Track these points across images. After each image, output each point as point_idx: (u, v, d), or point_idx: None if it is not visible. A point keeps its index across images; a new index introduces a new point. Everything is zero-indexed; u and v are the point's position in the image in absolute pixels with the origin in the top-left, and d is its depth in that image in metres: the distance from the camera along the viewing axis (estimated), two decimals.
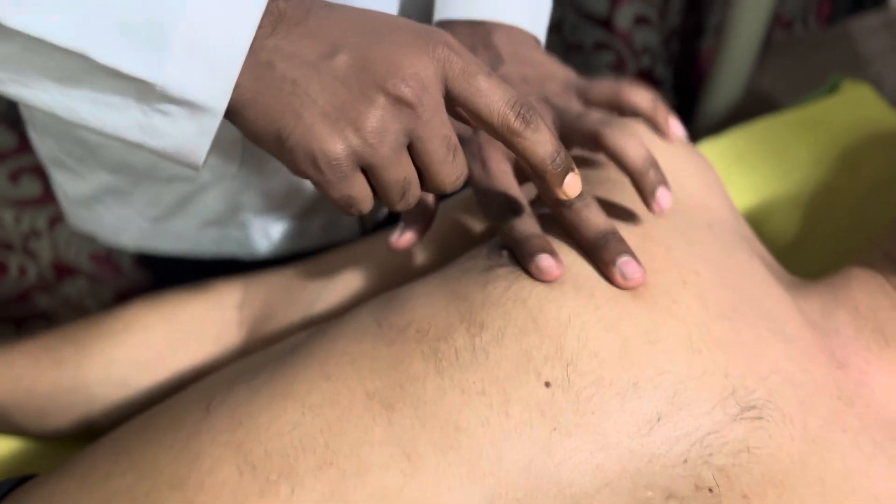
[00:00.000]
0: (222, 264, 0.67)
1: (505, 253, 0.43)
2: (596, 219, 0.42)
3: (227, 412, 0.39)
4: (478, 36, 0.52)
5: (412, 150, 0.38)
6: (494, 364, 0.38)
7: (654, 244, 0.43)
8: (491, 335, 0.39)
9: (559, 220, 0.44)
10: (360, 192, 0.38)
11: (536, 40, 0.54)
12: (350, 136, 0.36)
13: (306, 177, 0.38)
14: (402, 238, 0.48)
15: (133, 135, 0.37)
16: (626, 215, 0.45)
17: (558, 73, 0.51)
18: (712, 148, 0.72)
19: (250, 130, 0.37)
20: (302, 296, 0.57)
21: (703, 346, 0.40)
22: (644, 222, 0.45)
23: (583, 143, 0.47)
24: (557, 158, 0.39)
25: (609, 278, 0.41)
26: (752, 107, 1.07)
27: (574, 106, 0.49)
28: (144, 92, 0.35)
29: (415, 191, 0.39)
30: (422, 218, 0.49)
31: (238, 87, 0.36)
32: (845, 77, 0.78)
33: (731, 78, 1.06)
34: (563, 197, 0.40)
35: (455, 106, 0.39)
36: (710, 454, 0.38)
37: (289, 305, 0.57)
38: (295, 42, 0.36)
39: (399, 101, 0.36)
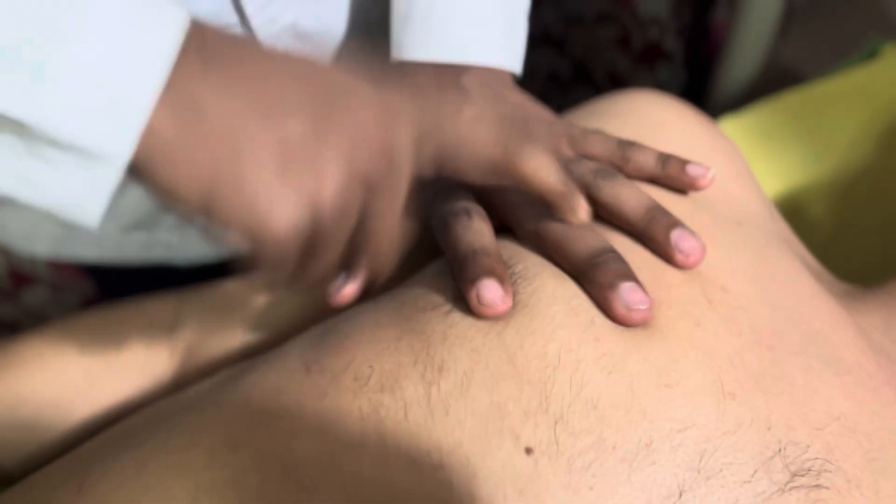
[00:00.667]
0: (176, 273, 0.57)
1: None
2: (586, 234, 0.33)
3: (100, 496, 0.29)
4: (445, 79, 0.43)
5: (360, 224, 0.32)
6: (456, 423, 0.28)
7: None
8: (453, 382, 0.29)
9: (537, 238, 0.34)
10: (297, 269, 0.31)
11: (512, 76, 0.45)
12: (303, 207, 0.29)
13: (233, 248, 0.30)
14: (345, 291, 0.37)
15: (2, 184, 0.28)
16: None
17: (542, 115, 0.43)
18: (733, 127, 0.62)
19: (165, 187, 0.28)
20: (241, 317, 0.48)
21: (738, 388, 0.30)
22: None
23: None
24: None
25: (607, 310, 0.31)
26: (774, 82, 0.96)
27: (564, 150, 0.40)
28: (16, 130, 0.26)
29: (330, 269, 0.33)
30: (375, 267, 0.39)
31: (152, 132, 0.27)
32: (886, 40, 0.67)
33: (750, 49, 0.95)
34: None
35: (430, 167, 0.34)
36: None
37: (226, 329, 0.48)
38: (232, 88, 0.28)
39: (362, 178, 0.30)
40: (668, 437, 0.29)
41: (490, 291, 0.31)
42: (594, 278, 0.32)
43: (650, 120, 0.43)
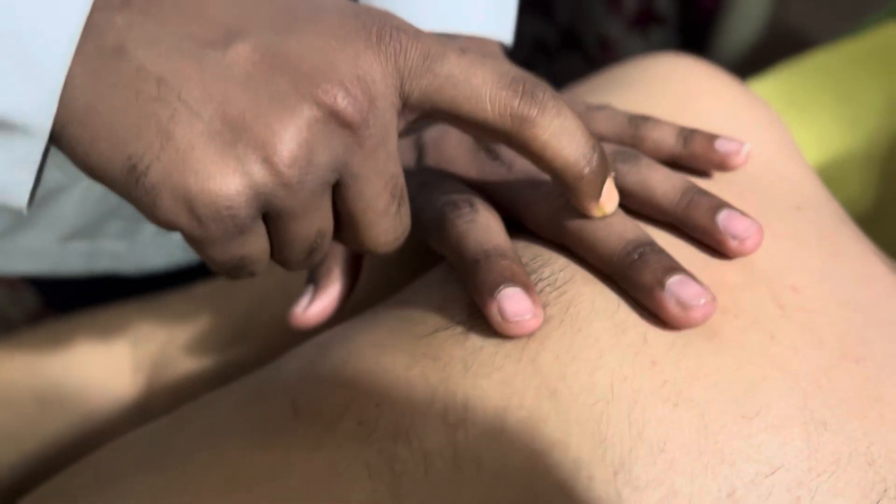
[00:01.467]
0: (127, 282, 0.51)
1: None
2: (617, 223, 0.27)
3: None
4: None
5: (339, 189, 0.26)
6: (492, 480, 0.22)
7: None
8: (483, 426, 0.23)
9: (555, 231, 0.28)
10: (256, 251, 0.25)
11: (503, 48, 0.39)
12: (254, 167, 0.23)
13: (174, 229, 0.24)
14: (312, 310, 0.32)
15: None
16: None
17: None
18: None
19: (83, 158, 0.23)
20: (215, 327, 0.42)
21: (829, 416, 0.24)
22: None
23: None
24: (595, 156, 0.26)
25: (659, 313, 0.25)
26: (777, 46, 0.90)
27: None
28: None
29: (325, 247, 0.27)
30: (344, 275, 0.32)
31: (68, 88, 0.22)
32: None
33: (750, 10, 0.89)
34: (598, 214, 0.27)
35: (418, 115, 0.26)
36: None
37: (198, 341, 0.42)
38: (162, 19, 0.24)
39: (333, 119, 0.24)
40: (755, 484, 0.23)
41: (515, 303, 0.25)
42: (635, 278, 0.25)
43: (685, 87, 0.37)
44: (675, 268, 0.25)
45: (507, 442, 0.23)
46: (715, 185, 0.31)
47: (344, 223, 0.27)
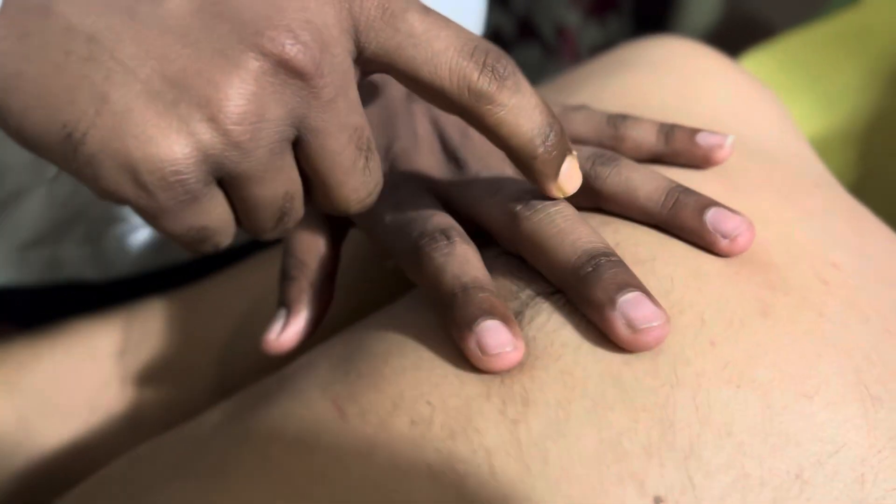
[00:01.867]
0: (98, 290, 0.48)
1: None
2: (573, 230, 0.25)
3: None
4: None
5: (300, 147, 0.24)
6: (561, 475, 0.21)
7: (762, 222, 0.27)
8: (546, 419, 0.22)
9: (509, 244, 0.27)
10: (217, 219, 0.24)
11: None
12: (200, 128, 0.22)
13: (122, 201, 0.22)
14: (285, 336, 0.30)
15: None
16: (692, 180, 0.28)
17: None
18: None
19: (16, 128, 0.22)
20: (214, 331, 0.40)
21: (882, 390, 0.24)
22: (725, 183, 0.29)
23: None
24: (551, 134, 0.25)
25: (609, 333, 0.24)
26: (734, 32, 0.92)
27: None
28: None
29: (297, 208, 0.26)
30: (317, 296, 0.31)
31: None
32: None
33: None
34: (558, 194, 0.26)
35: (374, 68, 0.25)
36: None
37: (194, 348, 0.39)
38: None
39: (283, 68, 0.22)
40: (820, 464, 0.22)
41: (495, 335, 0.23)
42: (585, 293, 0.24)
43: (689, 68, 0.37)
44: (630, 284, 0.24)
45: (572, 434, 0.22)
46: (741, 166, 0.30)
47: (312, 183, 0.25)
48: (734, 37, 0.91)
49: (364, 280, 0.37)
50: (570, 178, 0.26)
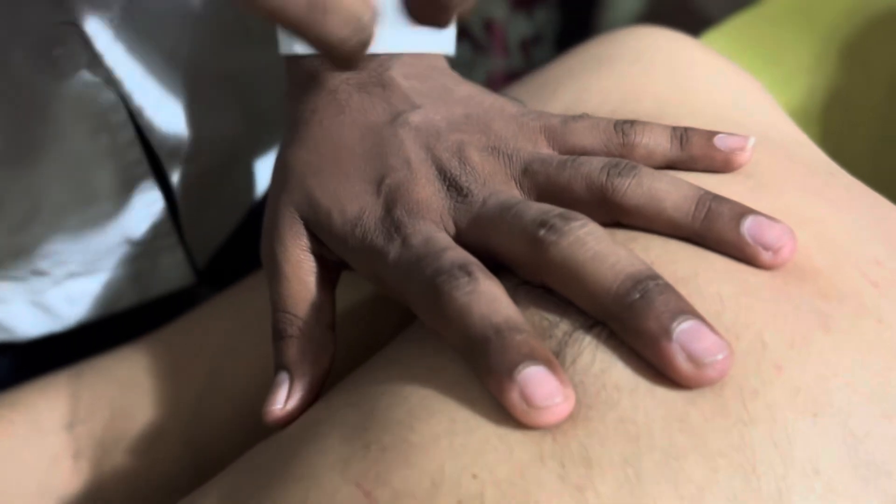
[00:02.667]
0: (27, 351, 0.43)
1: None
2: (610, 253, 0.23)
3: None
4: (370, 74, 0.31)
5: None
6: None
7: (795, 223, 0.25)
8: (614, 481, 0.19)
9: (532, 274, 0.24)
10: None
11: (446, 60, 0.34)
12: None
13: None
14: (292, 402, 0.27)
15: None
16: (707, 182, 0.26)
17: (505, 108, 0.30)
18: None
19: None
20: (176, 388, 0.35)
21: None
22: (746, 182, 0.27)
23: (579, 204, 0.26)
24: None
25: (664, 367, 0.21)
26: (661, 19, 0.91)
27: (545, 152, 0.29)
28: None
29: None
30: (319, 352, 0.28)
31: None
32: None
33: None
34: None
35: None
36: None
37: (155, 409, 0.35)
38: None
39: None
40: None
41: (540, 384, 0.20)
42: (635, 324, 0.21)
43: (676, 58, 0.34)
44: (685, 311, 0.21)
45: (648, 493, 0.19)
46: (757, 160, 0.28)
47: None
48: (661, 23, 0.90)
49: (355, 320, 0.33)
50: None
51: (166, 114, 0.38)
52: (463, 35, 1.00)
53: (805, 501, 0.19)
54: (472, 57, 0.97)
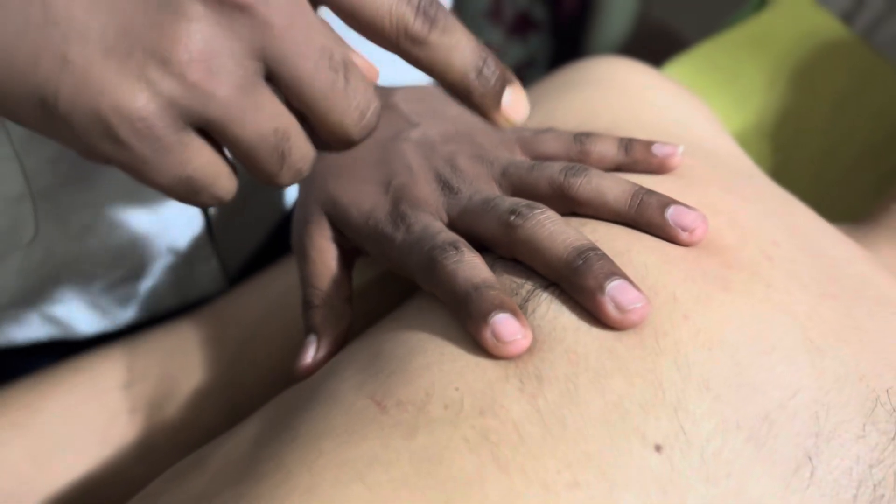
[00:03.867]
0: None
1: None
2: (563, 232, 0.29)
3: None
4: None
5: (276, 81, 0.25)
6: (578, 434, 0.25)
7: (712, 212, 0.32)
8: (558, 391, 0.26)
9: (505, 250, 0.31)
10: (205, 166, 0.25)
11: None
12: (156, 75, 0.23)
13: (107, 160, 0.24)
14: (318, 358, 0.34)
15: None
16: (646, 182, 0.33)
17: (487, 124, 0.38)
18: None
19: None
20: (212, 358, 0.42)
21: (825, 344, 0.29)
22: (679, 182, 0.34)
23: (544, 198, 0.33)
24: (485, 67, 0.28)
25: (598, 313, 0.28)
26: (645, 43, 0.99)
27: (519, 158, 0.36)
28: None
29: (299, 146, 0.26)
30: (338, 319, 0.35)
31: None
32: None
33: (617, 9, 0.97)
34: (505, 123, 0.29)
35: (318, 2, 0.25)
36: (882, 495, 0.27)
37: (199, 371, 0.42)
38: None
39: (225, 5, 0.23)
40: (783, 407, 0.27)
41: (507, 326, 0.27)
42: (578, 282, 0.28)
43: (630, 84, 0.41)
44: (614, 272, 0.28)
45: (582, 400, 0.26)
46: (688, 165, 0.35)
47: (307, 119, 0.26)
48: (644, 47, 0.97)
49: (367, 294, 0.40)
50: (513, 107, 0.28)
51: None
52: None
53: (697, 408, 0.26)
54: None
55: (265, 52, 0.24)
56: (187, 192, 0.25)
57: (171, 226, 0.46)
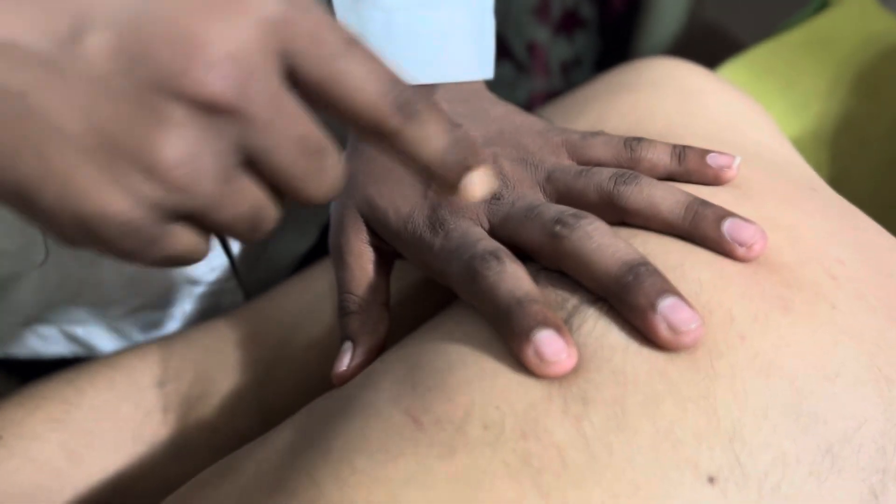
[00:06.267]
0: None
1: None
2: (613, 245, 0.28)
3: None
4: None
5: (254, 164, 0.24)
6: (625, 463, 0.24)
7: (771, 226, 0.30)
8: (605, 414, 0.25)
9: (550, 261, 0.30)
10: (186, 246, 0.25)
11: (485, 85, 0.40)
12: (139, 181, 0.22)
13: (94, 250, 0.23)
14: (354, 365, 0.33)
15: None
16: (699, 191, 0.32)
17: (534, 125, 0.37)
18: None
19: None
20: (247, 359, 0.41)
21: (893, 371, 0.27)
22: (735, 192, 0.32)
23: (591, 207, 0.31)
24: (451, 152, 0.26)
25: (649, 333, 0.26)
26: (698, 42, 0.96)
27: (566, 163, 0.34)
28: None
29: (270, 217, 0.26)
30: (375, 325, 0.34)
31: None
32: None
33: (668, 8, 0.95)
34: (465, 199, 0.26)
35: (303, 91, 0.24)
36: None
37: (233, 373, 0.41)
38: (11, 17, 0.21)
39: (208, 108, 0.22)
40: (847, 439, 0.25)
41: (551, 344, 0.26)
42: (628, 300, 0.27)
43: (687, 87, 0.40)
44: (668, 290, 0.26)
45: (630, 425, 0.24)
46: (745, 175, 0.33)
47: (279, 189, 0.25)
48: (696, 49, 0.95)
49: (405, 299, 0.39)
50: (473, 186, 0.26)
51: None
52: (506, 56, 1.06)
53: (754, 438, 0.25)
54: (514, 77, 1.03)
55: (246, 144, 0.23)
56: (170, 266, 0.25)
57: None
